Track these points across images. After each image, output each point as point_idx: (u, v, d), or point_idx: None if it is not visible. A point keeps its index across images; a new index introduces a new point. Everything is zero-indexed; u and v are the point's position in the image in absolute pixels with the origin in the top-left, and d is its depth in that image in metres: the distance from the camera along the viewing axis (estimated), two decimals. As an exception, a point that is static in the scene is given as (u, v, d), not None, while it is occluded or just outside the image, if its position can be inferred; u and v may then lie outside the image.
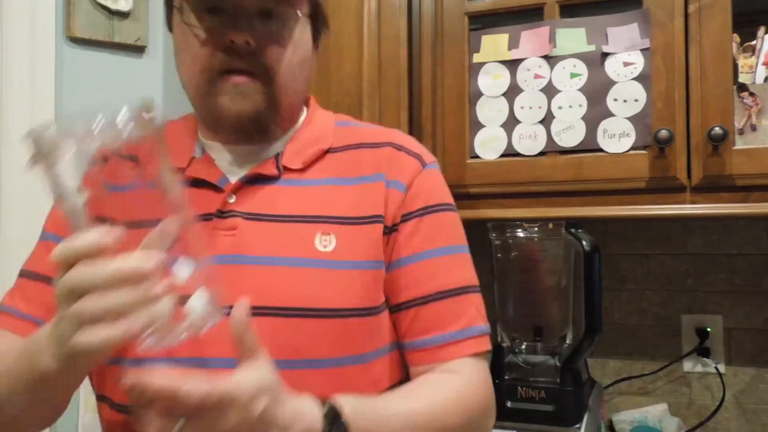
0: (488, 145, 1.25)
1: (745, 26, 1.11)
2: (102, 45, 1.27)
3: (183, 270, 0.52)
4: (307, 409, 0.61)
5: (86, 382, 1.15)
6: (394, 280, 0.76)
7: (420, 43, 1.31)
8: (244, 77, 0.72)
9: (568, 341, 1.34)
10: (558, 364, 1.29)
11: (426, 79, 1.30)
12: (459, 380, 0.74)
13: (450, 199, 0.83)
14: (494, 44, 1.25)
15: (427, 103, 1.30)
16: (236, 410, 0.55)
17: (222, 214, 0.74)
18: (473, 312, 0.78)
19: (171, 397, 0.52)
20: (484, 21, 1.28)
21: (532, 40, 1.22)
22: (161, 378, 0.53)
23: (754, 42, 1.12)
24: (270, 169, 0.77)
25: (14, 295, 0.79)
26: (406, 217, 0.77)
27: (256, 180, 0.76)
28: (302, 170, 0.78)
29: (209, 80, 0.73)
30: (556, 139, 1.20)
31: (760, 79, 1.11)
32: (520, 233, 1.37)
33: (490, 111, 1.25)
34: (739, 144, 1.10)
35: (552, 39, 1.21)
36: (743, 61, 1.11)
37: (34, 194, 1.18)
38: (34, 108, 1.19)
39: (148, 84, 1.32)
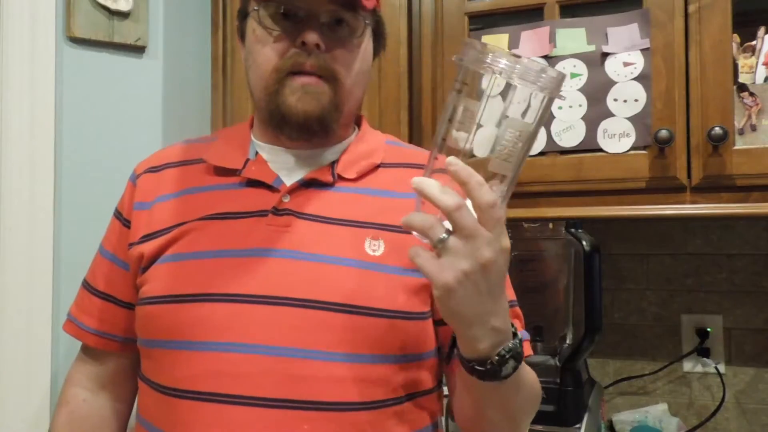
0: (488, 145, 1.25)
1: (745, 26, 1.11)
2: (102, 45, 1.27)
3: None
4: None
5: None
6: None
7: (420, 43, 1.31)
8: (313, 78, 0.77)
9: (568, 341, 1.34)
10: (558, 364, 1.29)
11: (426, 79, 1.30)
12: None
13: None
14: (494, 44, 1.25)
15: (427, 103, 1.30)
16: (494, 223, 0.59)
17: (277, 211, 0.78)
18: (518, 322, 0.83)
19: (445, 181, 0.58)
20: (484, 21, 1.28)
21: (532, 40, 1.22)
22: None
23: (754, 42, 1.12)
24: (326, 176, 0.81)
25: (78, 305, 0.91)
26: None
27: (311, 184, 0.81)
28: (355, 180, 0.82)
29: (278, 80, 0.77)
30: (556, 139, 1.20)
31: (760, 79, 1.11)
32: (520, 233, 1.37)
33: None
34: (739, 144, 1.10)
35: (552, 39, 1.21)
36: (743, 61, 1.11)
37: (35, 193, 1.18)
38: (34, 108, 1.19)
39: (148, 84, 1.32)
